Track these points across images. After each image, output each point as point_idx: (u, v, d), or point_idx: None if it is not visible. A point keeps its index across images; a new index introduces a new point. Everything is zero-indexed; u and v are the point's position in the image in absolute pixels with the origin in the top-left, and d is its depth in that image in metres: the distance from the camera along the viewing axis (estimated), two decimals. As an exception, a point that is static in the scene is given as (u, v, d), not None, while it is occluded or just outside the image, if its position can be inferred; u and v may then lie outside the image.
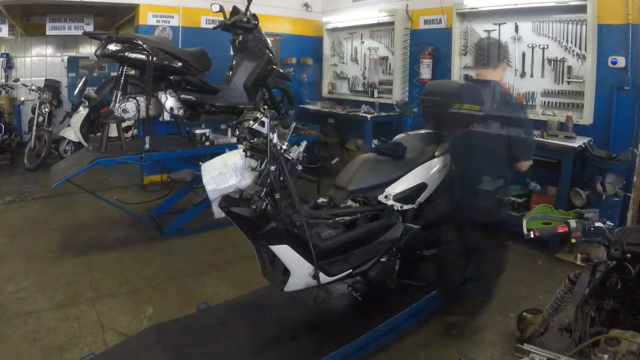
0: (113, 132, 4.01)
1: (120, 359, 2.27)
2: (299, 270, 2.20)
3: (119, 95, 3.79)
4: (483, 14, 4.74)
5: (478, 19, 4.84)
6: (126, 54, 3.70)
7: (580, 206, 3.56)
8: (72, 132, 6.34)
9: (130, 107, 3.86)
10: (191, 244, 4.07)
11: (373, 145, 5.23)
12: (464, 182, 2.67)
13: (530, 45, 4.40)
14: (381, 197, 2.58)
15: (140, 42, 3.77)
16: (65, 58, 8.45)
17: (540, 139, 3.90)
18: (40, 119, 6.75)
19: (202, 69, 4.27)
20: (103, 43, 3.66)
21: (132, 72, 4.00)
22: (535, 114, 4.38)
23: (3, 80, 7.78)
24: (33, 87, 7.06)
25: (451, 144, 2.69)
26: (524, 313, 2.63)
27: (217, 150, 4.35)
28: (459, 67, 5.04)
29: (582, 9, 3.91)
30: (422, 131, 3.15)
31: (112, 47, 3.66)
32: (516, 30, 4.48)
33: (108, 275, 3.45)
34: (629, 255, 1.70)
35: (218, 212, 2.15)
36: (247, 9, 4.30)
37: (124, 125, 4.37)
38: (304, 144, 2.31)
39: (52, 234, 4.24)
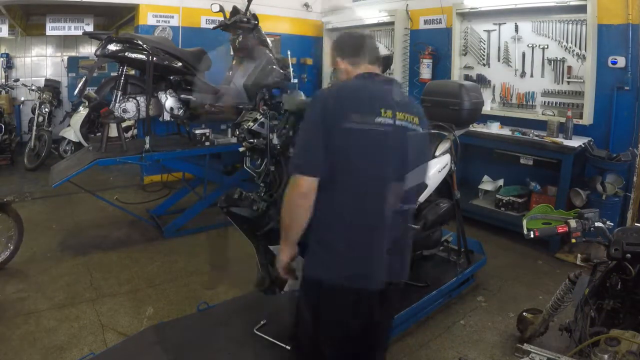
0: (113, 132, 4.01)
1: (120, 359, 2.27)
2: (299, 271, 2.20)
3: (119, 95, 3.80)
4: (483, 14, 4.74)
5: (478, 19, 4.84)
6: (126, 54, 3.70)
7: (580, 206, 3.55)
8: (72, 132, 6.34)
9: (130, 107, 3.87)
10: (191, 244, 4.06)
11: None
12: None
13: (530, 45, 4.39)
14: (381, 197, 2.57)
15: (140, 42, 3.77)
16: (65, 58, 8.45)
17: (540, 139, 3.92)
18: (40, 119, 6.76)
19: (202, 69, 4.26)
20: (103, 43, 3.66)
21: (132, 72, 4.01)
22: (535, 114, 4.39)
23: (3, 80, 7.79)
24: (33, 87, 7.08)
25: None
26: (524, 313, 2.64)
27: (217, 150, 4.38)
28: (459, 67, 5.04)
29: (582, 9, 3.91)
30: (422, 131, 3.14)
31: (112, 47, 3.67)
32: (516, 30, 4.48)
33: (108, 275, 3.45)
34: (629, 255, 1.71)
35: None
36: (247, 9, 4.29)
37: (124, 125, 4.37)
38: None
39: (52, 234, 4.24)
